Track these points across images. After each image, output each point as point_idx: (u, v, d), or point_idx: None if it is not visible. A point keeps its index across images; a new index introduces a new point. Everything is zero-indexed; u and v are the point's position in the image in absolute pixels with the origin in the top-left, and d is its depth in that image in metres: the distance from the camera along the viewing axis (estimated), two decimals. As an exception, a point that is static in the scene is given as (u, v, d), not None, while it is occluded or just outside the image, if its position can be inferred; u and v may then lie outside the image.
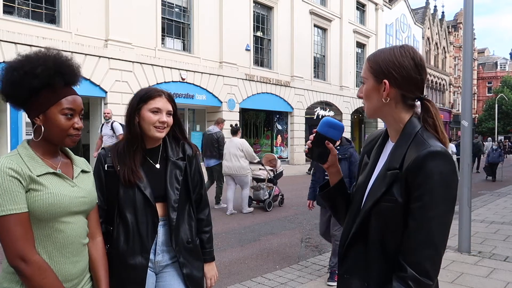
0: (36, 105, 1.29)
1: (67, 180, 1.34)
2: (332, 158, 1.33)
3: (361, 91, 1.24)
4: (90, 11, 11.99)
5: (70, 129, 1.32)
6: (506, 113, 44.36)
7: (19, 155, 1.26)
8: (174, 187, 1.71)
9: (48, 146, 1.34)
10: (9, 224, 1.18)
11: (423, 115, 1.18)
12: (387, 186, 1.12)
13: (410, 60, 1.15)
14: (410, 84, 1.15)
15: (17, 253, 1.18)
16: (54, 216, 1.26)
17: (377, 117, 1.25)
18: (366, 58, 1.25)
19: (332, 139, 1.29)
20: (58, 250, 1.29)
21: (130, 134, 1.71)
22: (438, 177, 1.04)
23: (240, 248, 5.19)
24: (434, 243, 1.05)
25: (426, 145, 1.08)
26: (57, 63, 1.30)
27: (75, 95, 1.35)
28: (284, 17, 19.06)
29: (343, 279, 1.26)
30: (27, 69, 1.26)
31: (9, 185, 1.19)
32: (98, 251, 1.49)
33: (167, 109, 1.70)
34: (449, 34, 40.72)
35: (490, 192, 10.78)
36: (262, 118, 19.45)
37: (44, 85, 1.27)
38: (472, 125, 5.22)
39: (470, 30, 4.99)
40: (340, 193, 1.39)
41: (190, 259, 1.74)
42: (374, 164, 1.27)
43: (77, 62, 1.39)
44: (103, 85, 12.16)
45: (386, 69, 1.15)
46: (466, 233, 4.82)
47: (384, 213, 1.12)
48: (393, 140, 1.23)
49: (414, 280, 1.04)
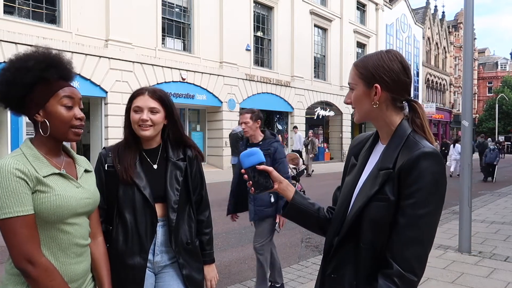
0: (33, 101, 1.28)
1: (72, 181, 1.33)
2: (273, 175, 1.33)
3: (349, 97, 1.26)
4: (90, 11, 11.99)
5: (72, 120, 1.30)
6: (506, 113, 44.35)
7: (24, 155, 1.25)
8: (174, 188, 1.70)
9: (52, 144, 1.32)
10: (16, 226, 1.16)
11: (411, 116, 1.22)
12: (380, 185, 1.14)
13: (399, 64, 1.19)
14: (400, 87, 1.19)
15: (24, 255, 1.17)
16: (60, 218, 1.25)
17: (367, 121, 1.27)
18: (354, 63, 1.26)
19: (258, 163, 1.32)
20: (63, 251, 1.28)
21: (124, 134, 1.74)
22: (430, 176, 1.08)
23: (240, 248, 5.19)
24: (422, 241, 1.08)
25: (419, 146, 1.12)
26: (47, 57, 1.30)
27: (71, 87, 1.34)
28: (284, 17, 19.06)
29: (330, 278, 1.25)
30: (18, 65, 1.26)
31: (16, 187, 1.17)
32: (100, 251, 1.49)
33: (149, 106, 1.67)
34: (450, 34, 40.70)
35: (491, 192, 10.77)
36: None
37: (38, 80, 1.27)
38: (473, 125, 5.22)
39: (470, 30, 4.99)
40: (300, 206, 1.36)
41: (189, 260, 1.74)
42: (363, 165, 1.29)
43: (67, 57, 1.38)
44: (103, 85, 12.17)
45: (377, 73, 1.18)
46: (467, 233, 4.81)
47: (377, 212, 1.13)
48: (384, 142, 1.25)
49: (399, 276, 1.06)
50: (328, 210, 1.42)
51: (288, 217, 1.40)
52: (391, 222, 1.11)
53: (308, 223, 1.41)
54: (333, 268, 1.24)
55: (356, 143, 1.40)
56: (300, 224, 1.44)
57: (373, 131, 1.34)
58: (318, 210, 1.39)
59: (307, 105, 20.51)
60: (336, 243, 1.24)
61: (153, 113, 1.67)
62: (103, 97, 12.37)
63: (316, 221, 1.38)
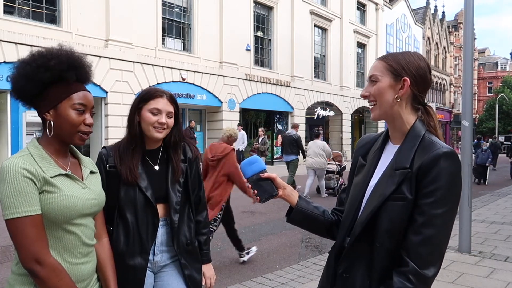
0: (47, 99, 1.28)
1: (78, 182, 1.33)
2: (277, 181, 1.33)
3: (368, 91, 1.24)
4: (90, 11, 12.00)
5: (81, 125, 1.31)
6: (506, 113, 44.34)
7: (31, 155, 1.24)
8: (176, 189, 1.71)
9: (59, 144, 1.32)
10: (24, 226, 1.16)
11: (426, 118, 1.23)
12: (397, 185, 1.14)
13: (425, 64, 1.23)
14: (424, 85, 1.22)
15: (32, 255, 1.17)
16: (67, 218, 1.25)
17: (385, 118, 1.25)
18: (379, 57, 1.27)
19: (261, 171, 1.32)
20: (70, 252, 1.28)
21: (129, 134, 1.71)
22: (449, 176, 1.09)
23: (240, 248, 5.19)
24: (439, 239, 1.09)
25: (437, 146, 1.13)
26: (70, 58, 1.30)
27: (86, 91, 1.35)
28: (284, 17, 19.06)
29: (342, 278, 1.25)
30: (40, 62, 1.25)
31: (24, 186, 1.17)
32: (105, 251, 1.50)
33: (167, 111, 1.68)
34: (450, 34, 40.69)
35: (491, 192, 10.77)
36: (262, 118, 19.45)
37: (56, 79, 1.27)
38: (473, 125, 5.22)
39: (470, 30, 4.99)
40: (306, 211, 1.37)
41: (190, 260, 1.75)
42: (373, 166, 1.28)
43: (89, 60, 1.38)
44: (103, 85, 12.16)
45: (407, 67, 1.20)
46: (467, 233, 4.81)
47: (394, 212, 1.13)
48: (396, 142, 1.25)
49: (414, 273, 1.07)
50: (333, 212, 1.42)
51: (294, 222, 1.40)
52: (407, 221, 1.12)
53: (314, 227, 1.41)
54: (345, 267, 1.24)
55: (363, 144, 1.39)
56: (306, 229, 1.44)
57: (377, 132, 1.35)
58: (323, 213, 1.39)
59: (307, 105, 20.51)
60: (348, 244, 1.24)
61: (169, 117, 1.70)
62: (103, 97, 12.37)
63: (322, 224, 1.38)
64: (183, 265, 1.71)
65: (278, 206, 8.32)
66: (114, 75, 12.43)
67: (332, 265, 1.30)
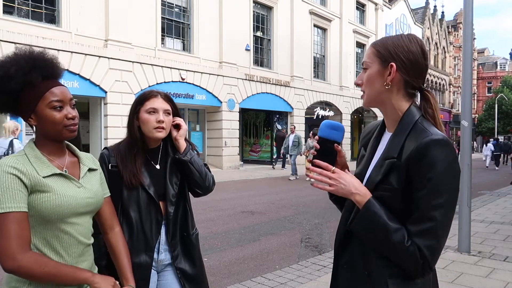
0: (23, 106, 1.28)
1: (73, 181, 1.33)
2: (341, 160, 1.28)
3: (361, 78, 1.22)
4: (90, 11, 11.99)
5: (64, 121, 1.29)
6: (506, 113, 44.35)
7: (26, 156, 1.26)
8: (173, 182, 1.74)
9: (53, 144, 1.33)
10: (6, 222, 1.17)
11: (423, 105, 1.18)
12: (383, 175, 1.12)
13: (418, 47, 1.16)
14: (416, 70, 1.15)
15: (10, 254, 1.16)
16: (61, 217, 1.26)
17: (375, 105, 1.22)
18: (371, 44, 1.23)
19: (336, 141, 1.25)
20: (65, 250, 1.29)
21: (130, 138, 1.74)
22: (441, 165, 1.03)
23: (240, 248, 5.19)
24: (436, 232, 1.05)
25: (427, 133, 1.07)
26: (29, 60, 1.27)
27: (60, 86, 1.32)
28: (284, 17, 19.06)
29: (342, 270, 1.26)
30: (1, 73, 1.24)
31: (10, 183, 1.18)
32: (119, 240, 1.52)
33: (164, 108, 1.70)
34: (449, 34, 40.73)
35: (490, 192, 10.78)
36: (262, 118, 19.45)
37: (23, 84, 1.25)
38: (472, 125, 5.22)
39: (470, 30, 4.99)
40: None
41: (184, 252, 1.75)
42: (371, 155, 1.26)
43: (52, 54, 1.35)
44: (103, 85, 12.16)
45: (395, 52, 1.14)
46: (466, 233, 4.81)
47: (382, 202, 1.11)
48: (390, 130, 1.22)
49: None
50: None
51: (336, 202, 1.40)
52: (398, 211, 1.09)
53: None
54: (345, 260, 1.25)
55: (365, 134, 1.38)
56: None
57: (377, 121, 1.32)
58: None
59: (306, 105, 20.51)
60: (345, 236, 1.24)
61: (167, 115, 1.71)
62: (103, 97, 12.36)
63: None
64: (174, 257, 1.72)
65: (277, 206, 8.33)
66: (113, 75, 12.42)
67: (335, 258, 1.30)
